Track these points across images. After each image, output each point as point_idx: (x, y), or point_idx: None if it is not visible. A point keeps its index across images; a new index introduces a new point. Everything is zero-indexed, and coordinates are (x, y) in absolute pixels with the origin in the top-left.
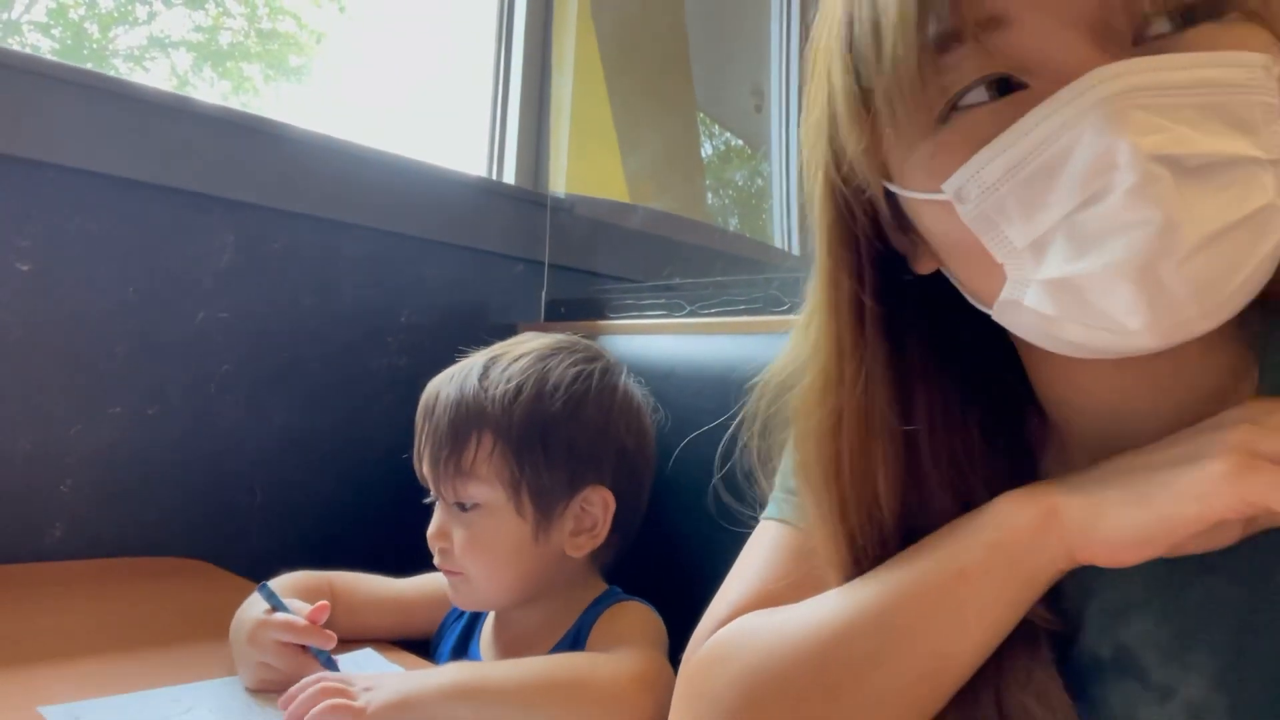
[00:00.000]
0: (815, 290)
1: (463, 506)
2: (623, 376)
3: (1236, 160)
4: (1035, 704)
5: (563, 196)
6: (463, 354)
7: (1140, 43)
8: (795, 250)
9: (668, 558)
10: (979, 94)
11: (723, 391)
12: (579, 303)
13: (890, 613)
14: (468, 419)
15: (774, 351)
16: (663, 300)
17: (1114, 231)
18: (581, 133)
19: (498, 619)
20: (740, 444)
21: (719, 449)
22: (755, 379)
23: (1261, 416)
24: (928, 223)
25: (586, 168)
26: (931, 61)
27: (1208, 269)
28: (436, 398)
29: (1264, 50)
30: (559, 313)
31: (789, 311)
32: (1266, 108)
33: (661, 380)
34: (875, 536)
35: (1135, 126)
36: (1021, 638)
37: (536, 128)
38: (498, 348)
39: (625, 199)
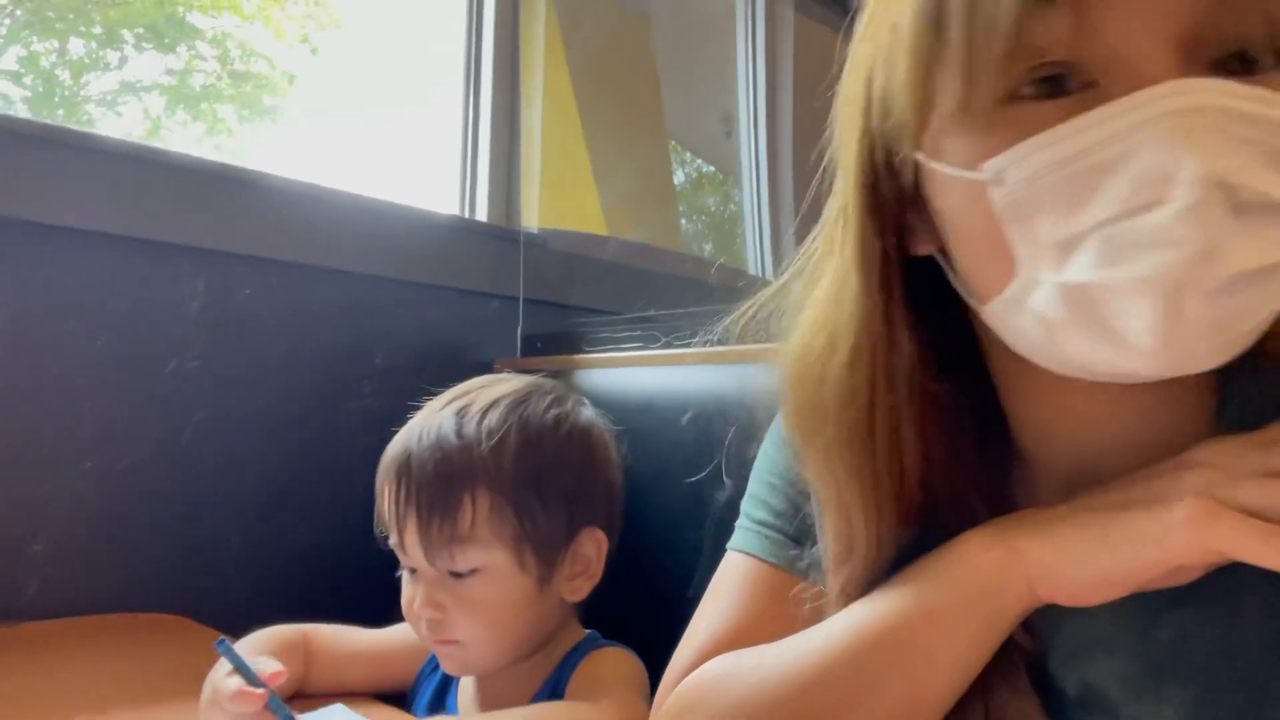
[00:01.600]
0: (843, 250)
1: (457, 574)
2: (589, 412)
3: None
4: (1015, 706)
5: (536, 231)
6: (438, 394)
7: (1222, 68)
8: (770, 276)
9: (647, 593)
10: (1045, 87)
11: (701, 422)
12: (555, 337)
13: (861, 657)
14: (457, 479)
15: (752, 381)
16: (638, 332)
17: (1153, 246)
18: (555, 166)
19: None
20: (726, 478)
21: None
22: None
23: (1222, 460)
24: (951, 201)
25: (562, 201)
26: (1025, 27)
27: (1230, 306)
28: (408, 461)
29: None
30: (535, 348)
31: (766, 342)
32: None
33: (639, 413)
34: (891, 526)
35: (1205, 146)
36: (1001, 659)
37: (507, 163)
38: (455, 398)
39: (602, 230)
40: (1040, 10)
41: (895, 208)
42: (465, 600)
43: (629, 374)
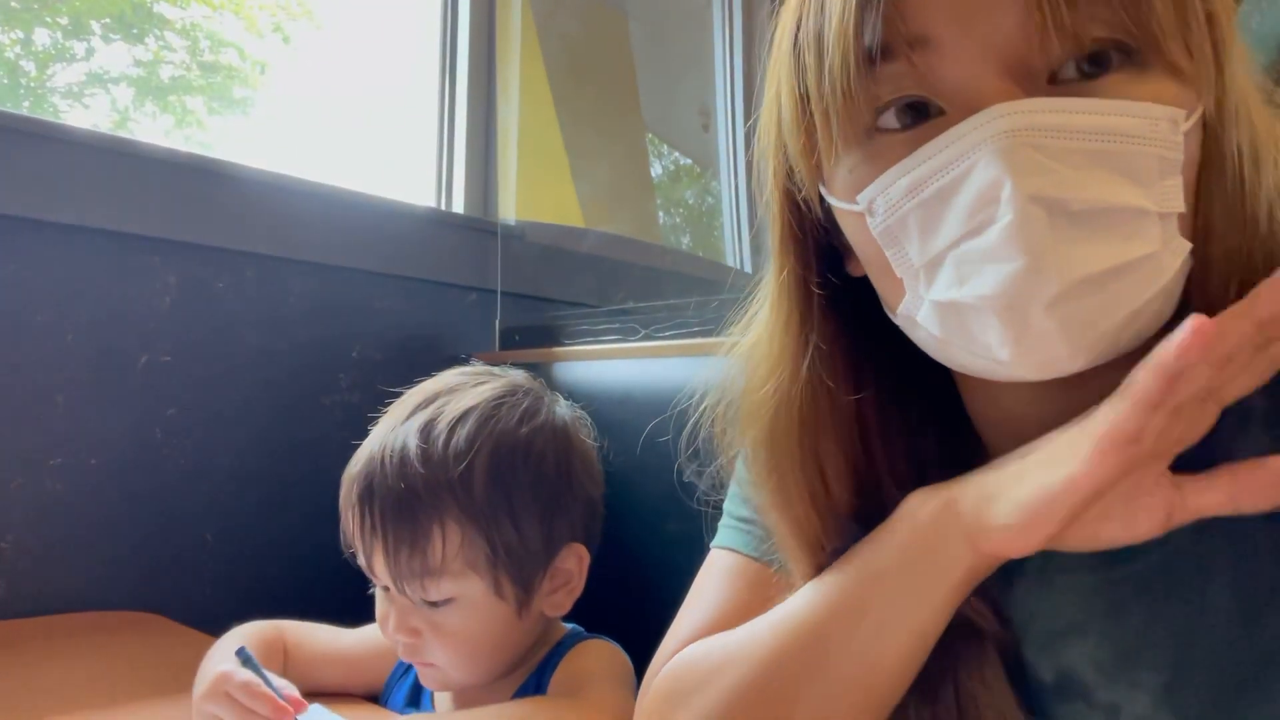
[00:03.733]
0: (767, 280)
1: (432, 603)
2: (562, 409)
3: (1121, 209)
4: (986, 697)
5: (513, 223)
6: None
7: (1056, 83)
8: (748, 268)
9: (627, 585)
10: (901, 116)
11: (679, 415)
12: (533, 330)
13: (818, 625)
14: (424, 510)
15: (731, 373)
16: (617, 325)
17: (988, 265)
18: (532, 158)
19: None
20: (705, 463)
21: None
22: (701, 397)
23: (1121, 391)
24: (849, 231)
25: (539, 193)
26: (866, 73)
27: (1078, 312)
28: (370, 487)
29: (1179, 105)
30: (513, 341)
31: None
32: (1164, 161)
33: (617, 405)
34: (831, 526)
35: (1021, 165)
36: (972, 637)
37: (484, 155)
38: (421, 406)
39: (580, 223)
40: (875, 66)
41: (820, 235)
42: (440, 628)
43: (608, 367)
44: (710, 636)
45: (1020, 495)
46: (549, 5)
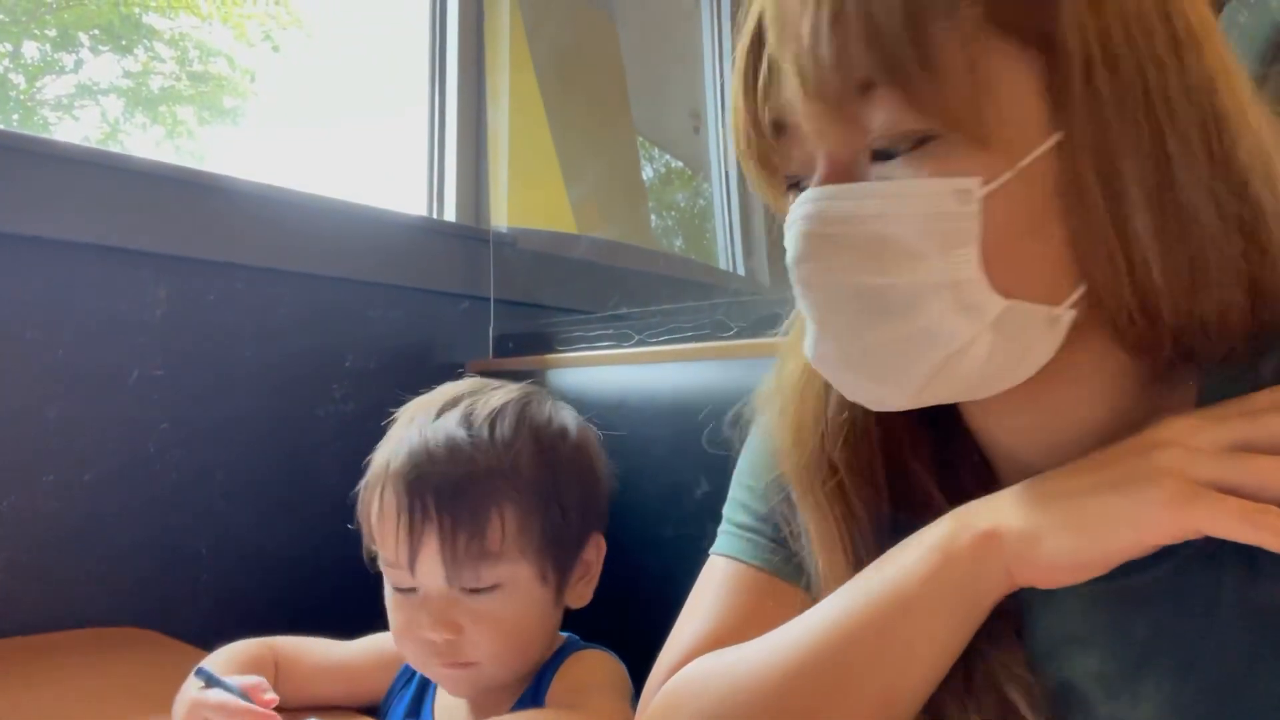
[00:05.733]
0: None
1: (476, 591)
2: (574, 416)
3: (896, 286)
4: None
5: (505, 230)
6: (410, 397)
7: (877, 161)
8: (740, 271)
9: (623, 593)
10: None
11: (675, 419)
12: (527, 337)
13: (840, 650)
14: (484, 493)
15: (724, 377)
16: (611, 331)
17: (806, 331)
18: (523, 164)
19: None
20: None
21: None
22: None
23: (1186, 436)
24: None
25: (531, 199)
26: (769, 146)
27: (873, 367)
28: (422, 477)
29: (982, 171)
30: (507, 348)
31: (736, 336)
32: (952, 233)
33: (613, 411)
34: (861, 529)
35: (803, 249)
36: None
37: (475, 163)
38: (449, 404)
39: (572, 228)
40: (776, 139)
41: None
42: (485, 617)
43: (603, 373)
44: (713, 652)
45: (1081, 547)
46: (537, 11)
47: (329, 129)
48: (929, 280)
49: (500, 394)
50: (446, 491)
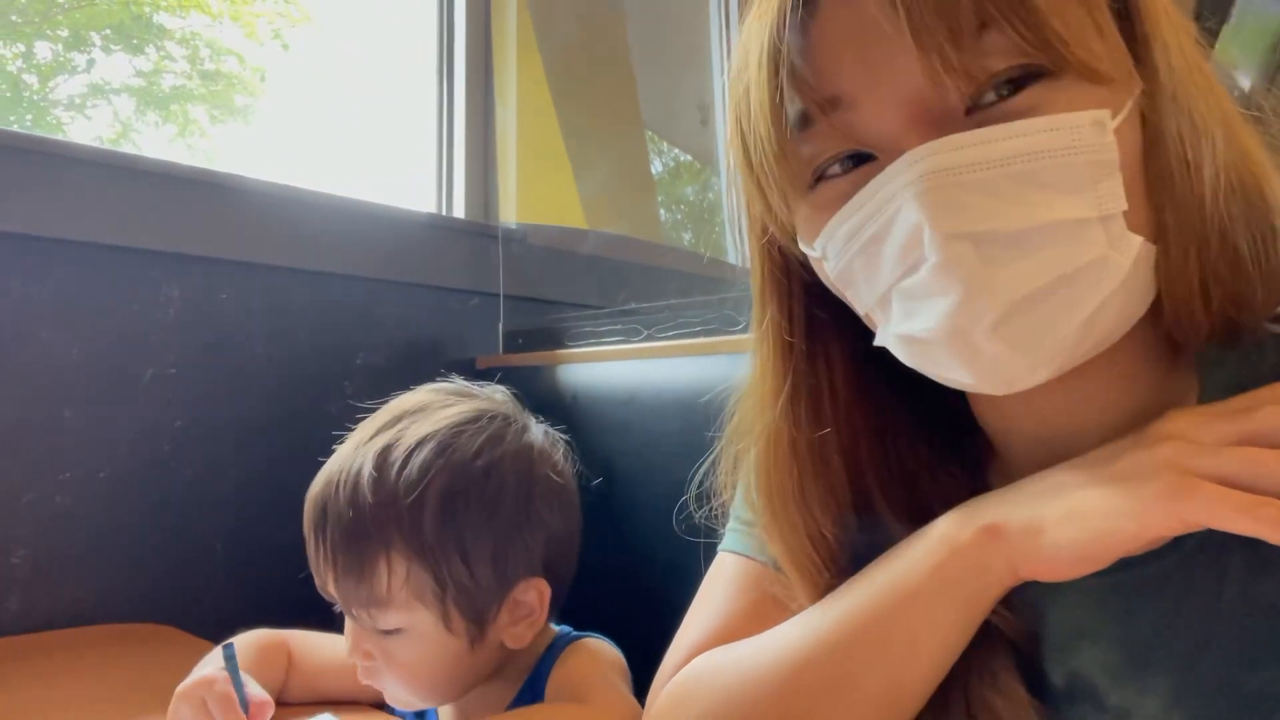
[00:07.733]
0: (754, 318)
1: (384, 631)
2: (534, 435)
3: (1054, 224)
4: (1000, 702)
5: (514, 226)
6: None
7: (977, 110)
8: (749, 264)
9: (632, 588)
10: (843, 162)
11: (684, 414)
12: (536, 333)
13: (844, 644)
14: (370, 541)
15: (733, 371)
16: (620, 326)
17: (927, 300)
18: (531, 160)
19: None
20: (708, 466)
21: (697, 472)
22: (724, 403)
23: (1189, 430)
24: (819, 272)
25: (540, 195)
26: (793, 139)
27: (1024, 329)
28: (324, 512)
29: (1100, 106)
30: (517, 344)
31: (745, 330)
32: (1097, 165)
33: (622, 406)
34: (826, 555)
35: (937, 206)
36: (984, 641)
37: (483, 159)
38: (385, 428)
39: (581, 224)
40: (801, 131)
41: (804, 271)
42: (391, 656)
43: (612, 368)
44: (719, 648)
45: (1081, 539)
46: (545, 6)
47: (338, 127)
48: (1084, 214)
49: (438, 418)
50: (339, 535)
